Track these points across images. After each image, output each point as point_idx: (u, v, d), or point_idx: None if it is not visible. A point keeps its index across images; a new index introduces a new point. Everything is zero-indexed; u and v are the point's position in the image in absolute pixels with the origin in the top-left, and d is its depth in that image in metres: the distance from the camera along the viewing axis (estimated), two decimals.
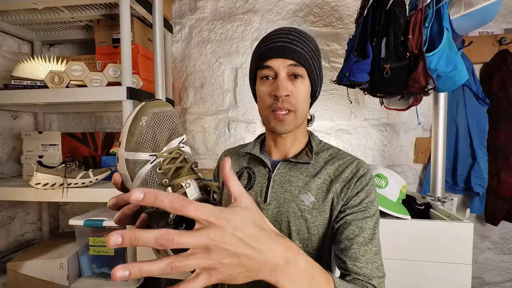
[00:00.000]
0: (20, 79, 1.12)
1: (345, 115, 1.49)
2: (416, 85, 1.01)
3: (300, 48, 0.61)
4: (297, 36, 0.62)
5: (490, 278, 1.43)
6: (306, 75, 0.62)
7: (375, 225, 0.59)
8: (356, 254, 0.55)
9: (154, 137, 0.39)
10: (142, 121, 0.39)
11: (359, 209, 0.59)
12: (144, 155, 0.38)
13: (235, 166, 0.74)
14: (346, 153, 0.68)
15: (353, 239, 0.56)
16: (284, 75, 0.61)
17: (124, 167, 0.39)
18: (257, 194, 0.66)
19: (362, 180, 0.62)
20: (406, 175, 1.47)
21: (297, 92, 0.61)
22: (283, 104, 0.60)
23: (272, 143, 0.70)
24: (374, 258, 0.56)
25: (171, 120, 0.41)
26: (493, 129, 1.32)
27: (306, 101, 0.64)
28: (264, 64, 0.61)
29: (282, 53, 0.60)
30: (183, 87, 1.60)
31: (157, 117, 0.39)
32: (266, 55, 0.61)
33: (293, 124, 0.63)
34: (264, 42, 0.64)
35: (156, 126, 0.39)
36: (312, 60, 0.63)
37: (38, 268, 1.12)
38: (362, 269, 0.54)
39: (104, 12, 1.21)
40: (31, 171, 1.15)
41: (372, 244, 0.57)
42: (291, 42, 0.61)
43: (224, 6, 1.55)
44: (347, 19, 1.46)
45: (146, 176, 0.38)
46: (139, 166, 0.38)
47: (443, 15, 0.98)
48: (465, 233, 0.92)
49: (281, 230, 0.63)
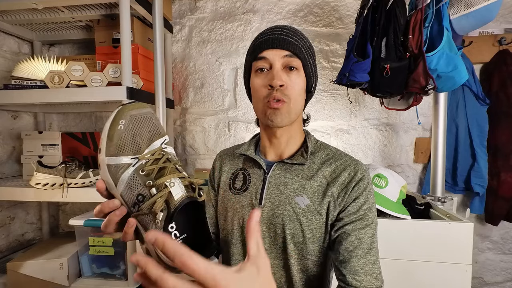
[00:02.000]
0: (20, 79, 1.12)
1: (345, 115, 1.49)
2: (416, 85, 1.01)
3: (295, 40, 0.61)
4: (292, 30, 0.63)
5: (490, 278, 1.43)
6: (302, 68, 0.62)
7: (374, 232, 0.59)
8: (356, 268, 0.55)
9: (134, 139, 0.39)
10: (120, 125, 0.38)
11: (357, 217, 0.59)
12: (126, 158, 0.38)
13: (230, 167, 0.73)
14: (344, 154, 0.66)
15: (352, 251, 0.56)
16: (279, 66, 0.60)
17: (106, 173, 0.38)
18: (252, 196, 0.65)
19: (360, 185, 0.60)
20: (406, 175, 1.47)
21: (291, 83, 0.60)
22: (277, 93, 0.59)
23: (267, 143, 0.69)
24: (373, 268, 0.56)
25: (151, 122, 0.41)
26: (493, 129, 1.32)
27: (301, 94, 0.63)
28: (259, 56, 0.61)
29: (277, 44, 0.60)
30: (183, 87, 1.60)
31: (135, 119, 0.39)
32: (261, 46, 0.61)
33: (287, 116, 0.61)
34: (259, 37, 0.64)
35: (135, 129, 0.39)
36: (307, 54, 0.62)
37: (38, 268, 1.12)
38: (361, 282, 0.55)
39: (104, 12, 1.21)
40: (31, 171, 1.15)
41: (370, 254, 0.57)
42: (286, 35, 0.61)
43: (224, 6, 1.55)
44: (347, 19, 1.46)
45: (129, 179, 0.37)
46: (121, 171, 0.38)
47: (443, 15, 0.98)
48: (465, 233, 0.92)
49: (276, 233, 0.62)
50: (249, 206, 0.65)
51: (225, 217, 0.69)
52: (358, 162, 0.64)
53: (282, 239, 0.61)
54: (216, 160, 0.78)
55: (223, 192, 0.71)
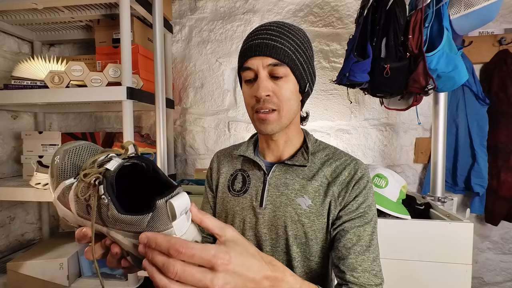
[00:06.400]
0: (20, 79, 1.12)
1: (345, 115, 1.49)
2: (416, 85, 1.01)
3: (280, 43, 0.56)
4: (278, 30, 0.58)
5: (490, 278, 1.43)
6: (290, 73, 0.58)
7: (373, 230, 0.58)
8: (354, 264, 0.55)
9: (73, 166, 0.39)
10: (56, 160, 0.40)
11: (356, 215, 0.58)
12: (68, 180, 0.39)
13: (228, 168, 0.72)
14: (343, 153, 0.66)
15: (350, 248, 0.56)
16: (264, 75, 0.57)
17: (60, 207, 0.40)
18: (253, 198, 0.64)
19: (360, 184, 0.60)
20: (406, 175, 1.47)
21: (279, 90, 0.57)
22: (264, 104, 0.57)
23: (265, 145, 0.68)
24: (372, 265, 0.56)
25: (88, 149, 0.41)
26: (493, 129, 1.32)
27: (293, 99, 0.60)
28: (244, 66, 0.59)
29: (260, 51, 0.56)
30: (183, 87, 1.60)
31: (69, 152, 0.40)
32: (246, 54, 0.58)
33: (278, 124, 0.59)
34: (245, 42, 0.61)
35: (72, 158, 0.40)
36: (297, 54, 0.58)
37: (38, 268, 1.12)
38: (359, 278, 0.54)
39: (104, 12, 1.21)
40: (31, 171, 1.15)
41: (369, 251, 0.56)
42: (270, 38, 0.56)
43: (224, 6, 1.55)
44: (347, 19, 1.46)
45: (74, 194, 0.37)
46: (67, 192, 0.38)
47: (443, 15, 0.98)
48: (465, 233, 0.92)
49: (278, 234, 0.61)
50: (249, 208, 0.64)
51: (225, 219, 0.68)
52: (358, 161, 0.63)
53: (285, 241, 0.61)
54: (214, 161, 0.76)
55: (222, 194, 0.70)
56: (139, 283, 1.16)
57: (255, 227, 0.63)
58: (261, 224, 0.62)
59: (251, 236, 0.64)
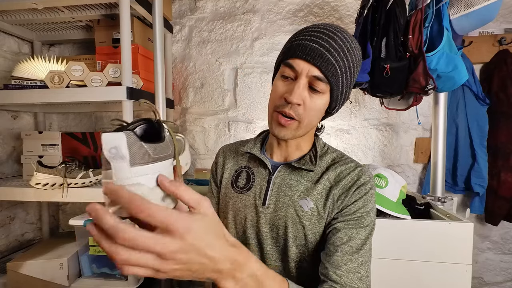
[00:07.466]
0: (20, 79, 1.12)
1: (345, 115, 1.49)
2: (416, 85, 1.01)
3: (335, 59, 0.53)
4: (339, 43, 0.53)
5: (490, 278, 1.43)
6: (329, 91, 0.56)
7: (368, 235, 0.56)
8: (338, 262, 0.52)
9: None
10: None
11: (352, 218, 0.57)
12: None
13: (233, 164, 0.71)
14: (350, 159, 0.65)
15: (338, 246, 0.54)
16: (304, 83, 0.55)
17: None
18: (256, 196, 0.64)
19: (362, 189, 0.59)
20: (406, 175, 1.46)
21: (310, 104, 0.56)
22: (290, 110, 0.55)
23: (275, 144, 0.67)
24: (358, 268, 0.53)
25: None
26: (493, 129, 1.32)
27: (318, 116, 0.59)
28: (289, 62, 0.55)
29: (312, 57, 0.53)
30: (183, 87, 1.60)
31: None
32: (296, 51, 0.54)
33: (294, 134, 0.59)
34: (299, 34, 0.57)
35: None
36: (343, 77, 0.55)
37: (38, 268, 1.12)
38: (341, 277, 0.51)
39: (104, 12, 1.21)
40: (31, 171, 1.15)
41: (358, 254, 0.54)
42: (328, 49, 0.52)
43: (224, 6, 1.55)
44: (347, 19, 1.45)
45: None
46: None
47: (443, 15, 0.98)
48: (465, 233, 0.92)
49: (278, 234, 0.61)
50: (252, 206, 0.64)
51: (226, 215, 0.68)
52: (363, 168, 0.63)
53: (284, 241, 0.61)
54: (219, 155, 0.76)
55: (225, 189, 0.70)
56: (139, 283, 1.16)
57: (257, 225, 0.63)
58: (263, 223, 0.62)
59: (252, 234, 0.64)
